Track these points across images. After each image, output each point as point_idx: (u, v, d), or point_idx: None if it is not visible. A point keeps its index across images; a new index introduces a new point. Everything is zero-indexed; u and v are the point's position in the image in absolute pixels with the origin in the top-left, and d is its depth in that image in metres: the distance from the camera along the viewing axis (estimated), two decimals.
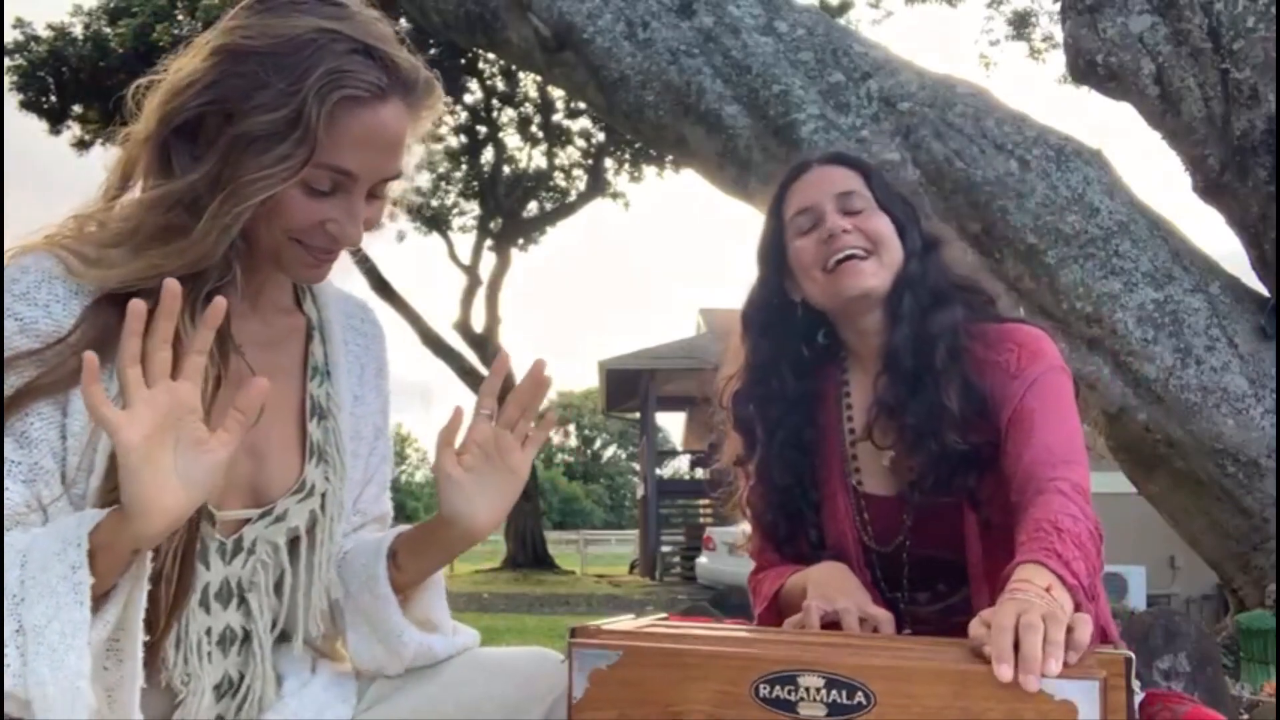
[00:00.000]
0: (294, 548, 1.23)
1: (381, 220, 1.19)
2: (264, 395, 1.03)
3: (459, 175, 20.69)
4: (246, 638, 1.20)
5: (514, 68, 16.58)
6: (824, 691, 1.03)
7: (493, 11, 4.48)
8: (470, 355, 19.45)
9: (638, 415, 24.10)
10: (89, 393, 0.95)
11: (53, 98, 16.33)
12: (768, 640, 1.21)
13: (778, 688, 1.04)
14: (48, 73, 16.20)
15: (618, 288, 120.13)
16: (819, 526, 1.56)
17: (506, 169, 20.22)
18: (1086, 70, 4.12)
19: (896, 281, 1.52)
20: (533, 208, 20.93)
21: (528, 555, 20.58)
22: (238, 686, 1.20)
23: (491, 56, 15.29)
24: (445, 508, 1.17)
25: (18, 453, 1.04)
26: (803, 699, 1.03)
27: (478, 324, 20.19)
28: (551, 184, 20.58)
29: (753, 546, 1.63)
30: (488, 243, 20.78)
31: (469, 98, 19.46)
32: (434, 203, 20.79)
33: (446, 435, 1.16)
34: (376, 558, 1.24)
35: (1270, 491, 3.79)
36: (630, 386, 21.26)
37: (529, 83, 18.56)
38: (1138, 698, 1.04)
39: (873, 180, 1.57)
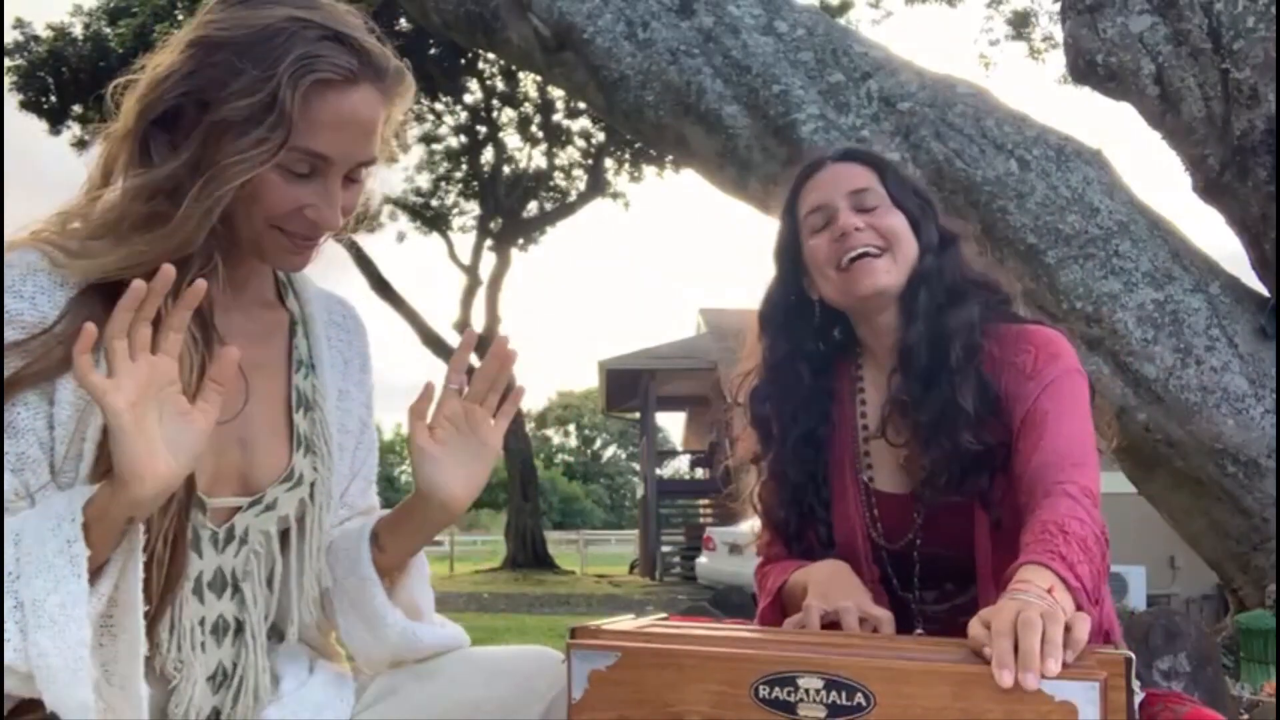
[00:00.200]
0: (285, 539, 1.25)
1: (357, 205, 1.21)
2: (235, 363, 1.06)
3: (459, 175, 20.70)
4: (240, 628, 1.22)
5: (514, 68, 16.57)
6: (823, 692, 1.03)
7: (493, 11, 4.49)
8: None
9: (638, 415, 24.11)
10: (79, 362, 0.98)
11: (53, 98, 16.34)
12: (767, 641, 1.20)
13: (777, 689, 1.04)
14: (48, 73, 16.22)
15: (618, 288, 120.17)
16: (829, 523, 1.55)
17: (506, 169, 20.23)
18: (1086, 70, 4.12)
19: (911, 278, 1.50)
20: (533, 208, 20.94)
21: (528, 555, 20.59)
22: (232, 677, 1.21)
23: (491, 56, 15.28)
24: (421, 480, 1.20)
25: (5, 442, 1.06)
26: (802, 700, 1.03)
27: (478, 324, 20.17)
28: (551, 184, 20.59)
29: (761, 541, 1.63)
30: (488, 243, 20.79)
31: (469, 98, 19.48)
32: (434, 203, 20.81)
33: (418, 409, 1.19)
34: (359, 540, 1.26)
35: (1270, 491, 3.79)
36: (630, 386, 21.27)
37: (529, 83, 18.56)
38: (1138, 698, 1.04)
39: (887, 176, 1.56)
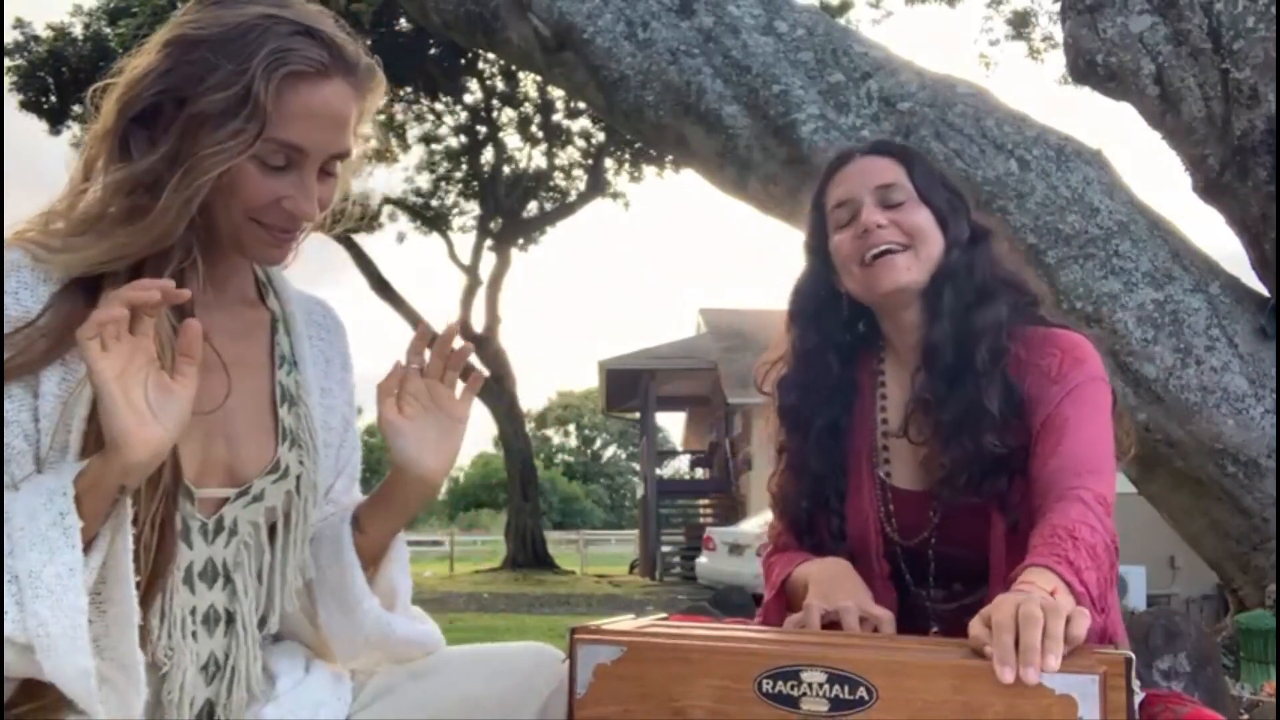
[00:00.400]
0: (272, 532, 1.27)
1: (334, 199, 1.24)
2: (198, 335, 1.09)
3: (459, 175, 20.70)
4: (231, 620, 1.23)
5: (514, 68, 16.57)
6: (826, 686, 1.03)
7: (493, 11, 4.49)
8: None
9: (638, 415, 24.10)
10: (80, 330, 1.02)
11: (53, 98, 16.36)
12: (769, 638, 1.21)
13: (780, 683, 1.05)
14: (48, 73, 16.24)
15: (618, 288, 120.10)
16: (842, 515, 1.54)
17: (506, 169, 20.24)
18: (1086, 70, 4.13)
19: (937, 274, 1.49)
20: (533, 208, 20.95)
21: (528, 555, 20.60)
22: (224, 668, 1.22)
23: (491, 56, 15.28)
24: (396, 455, 1.23)
25: None
26: (805, 694, 1.04)
27: (478, 324, 20.20)
28: (551, 184, 20.60)
29: (772, 530, 1.62)
30: (488, 243, 20.79)
31: (469, 98, 19.48)
32: (434, 203, 20.81)
33: (385, 386, 1.23)
34: (341, 524, 1.29)
35: (1270, 491, 3.79)
36: (630, 386, 21.26)
37: (529, 83, 18.57)
38: (1138, 698, 1.04)
39: (915, 170, 1.54)
